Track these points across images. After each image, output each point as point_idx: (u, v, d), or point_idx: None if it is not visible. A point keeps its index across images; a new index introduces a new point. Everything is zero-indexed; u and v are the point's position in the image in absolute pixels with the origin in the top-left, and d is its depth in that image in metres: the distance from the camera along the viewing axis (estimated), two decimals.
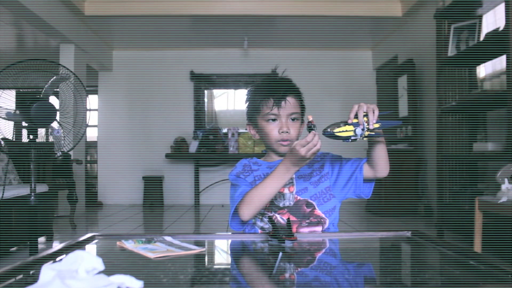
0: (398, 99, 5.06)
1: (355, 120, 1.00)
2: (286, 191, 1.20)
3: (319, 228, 1.19)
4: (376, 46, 6.12)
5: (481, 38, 3.14)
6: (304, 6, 4.86)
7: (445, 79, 3.33)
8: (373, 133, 1.01)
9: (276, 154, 1.27)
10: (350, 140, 0.99)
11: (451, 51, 3.29)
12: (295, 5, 4.87)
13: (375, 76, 6.24)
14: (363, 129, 0.99)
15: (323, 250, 0.99)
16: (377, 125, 1.02)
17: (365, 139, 1.02)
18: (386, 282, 0.75)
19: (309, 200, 1.20)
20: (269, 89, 1.23)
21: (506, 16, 2.61)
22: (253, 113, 1.26)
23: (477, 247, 2.33)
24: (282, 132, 1.20)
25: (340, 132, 0.98)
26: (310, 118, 1.08)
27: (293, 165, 1.08)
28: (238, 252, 1.02)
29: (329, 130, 0.99)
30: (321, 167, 1.26)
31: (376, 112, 1.03)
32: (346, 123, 1.00)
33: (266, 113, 1.21)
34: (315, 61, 6.16)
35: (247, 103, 1.30)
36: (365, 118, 1.01)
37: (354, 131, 0.99)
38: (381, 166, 1.17)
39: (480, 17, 3.23)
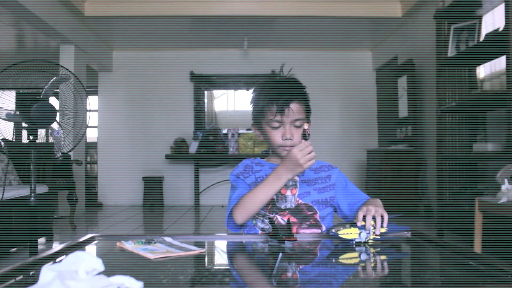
0: (398, 99, 5.06)
1: (362, 223, 0.99)
2: (288, 193, 1.20)
3: (317, 231, 1.19)
4: (376, 47, 6.12)
5: (481, 39, 3.14)
6: (304, 6, 4.86)
7: (445, 79, 3.33)
8: (379, 237, 1.00)
9: (279, 158, 1.27)
10: (354, 242, 0.98)
11: (451, 52, 3.29)
12: (295, 5, 4.87)
13: (375, 76, 6.24)
14: (368, 233, 0.98)
15: (323, 251, 0.99)
16: (383, 230, 1.01)
17: (370, 241, 1.00)
18: (386, 282, 0.75)
19: (311, 205, 1.21)
20: (273, 94, 1.21)
21: (506, 16, 2.61)
22: (258, 116, 1.26)
23: (477, 247, 2.32)
24: (286, 139, 1.19)
25: (344, 234, 0.97)
26: (306, 127, 1.08)
27: (287, 172, 1.09)
28: (238, 253, 1.02)
29: (333, 230, 0.98)
30: (328, 177, 1.27)
31: (386, 218, 1.02)
32: (352, 225, 0.98)
33: (269, 119, 1.20)
34: (315, 61, 6.16)
35: (252, 104, 1.29)
36: (373, 222, 1.00)
37: (359, 234, 0.97)
38: None
39: (480, 18, 3.24)
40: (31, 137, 2.07)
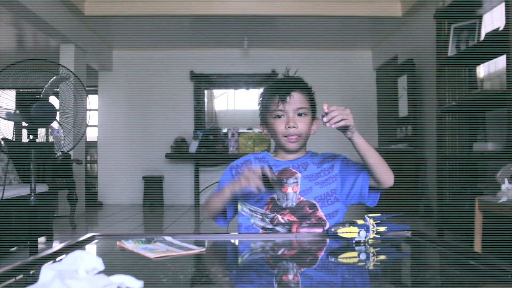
0: (398, 99, 5.06)
1: (361, 222, 0.99)
2: (289, 191, 1.19)
3: (319, 230, 1.18)
4: (376, 46, 6.12)
5: (481, 38, 3.14)
6: (304, 6, 4.86)
7: (445, 79, 3.33)
8: (379, 236, 1.00)
9: (285, 152, 1.27)
10: (353, 241, 0.98)
11: (451, 51, 3.29)
12: (295, 5, 4.87)
13: (375, 76, 6.24)
14: (367, 231, 0.98)
15: (323, 250, 0.99)
16: (383, 229, 1.01)
17: (370, 241, 1.00)
18: (386, 282, 0.75)
19: (312, 201, 1.19)
20: (276, 86, 1.25)
21: (506, 16, 2.61)
22: (264, 113, 1.28)
23: (477, 247, 2.33)
24: (289, 127, 1.20)
25: (343, 233, 0.97)
26: (325, 107, 1.07)
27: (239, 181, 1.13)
28: (238, 252, 1.02)
29: (332, 230, 0.98)
30: (331, 167, 1.24)
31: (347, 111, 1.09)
32: (351, 224, 0.99)
33: (273, 109, 1.22)
34: (315, 61, 6.15)
35: (259, 105, 1.31)
36: (371, 221, 1.00)
37: (359, 233, 0.98)
38: (382, 177, 1.15)
39: (480, 17, 3.23)
40: (31, 137, 2.07)
